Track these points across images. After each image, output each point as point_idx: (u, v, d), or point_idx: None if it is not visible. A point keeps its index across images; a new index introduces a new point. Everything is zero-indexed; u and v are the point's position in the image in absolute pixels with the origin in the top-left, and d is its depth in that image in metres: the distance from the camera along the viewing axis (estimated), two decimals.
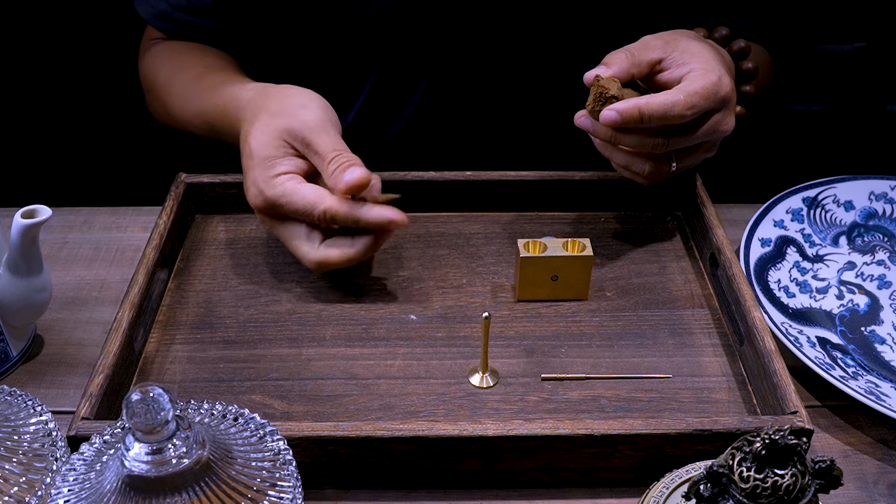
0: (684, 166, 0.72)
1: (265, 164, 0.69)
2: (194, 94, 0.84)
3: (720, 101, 0.68)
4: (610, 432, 0.57)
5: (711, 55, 0.70)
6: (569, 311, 0.72)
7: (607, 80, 0.67)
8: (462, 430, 0.57)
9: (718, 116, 0.70)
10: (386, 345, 0.69)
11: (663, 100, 0.66)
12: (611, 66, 0.68)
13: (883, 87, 1.35)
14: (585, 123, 0.69)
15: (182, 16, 0.89)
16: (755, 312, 0.66)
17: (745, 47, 0.78)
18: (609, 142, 0.69)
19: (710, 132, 0.70)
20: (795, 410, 0.58)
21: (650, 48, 0.70)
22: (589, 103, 0.68)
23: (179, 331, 0.70)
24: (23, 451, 0.52)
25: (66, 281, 0.77)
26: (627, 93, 0.68)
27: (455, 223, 0.81)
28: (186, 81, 0.86)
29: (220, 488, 0.46)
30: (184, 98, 0.86)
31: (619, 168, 0.73)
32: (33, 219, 0.64)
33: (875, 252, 0.79)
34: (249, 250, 0.78)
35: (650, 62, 0.69)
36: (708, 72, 0.68)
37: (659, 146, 0.69)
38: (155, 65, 0.91)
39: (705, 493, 0.48)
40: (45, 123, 1.34)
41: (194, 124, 0.85)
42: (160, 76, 0.89)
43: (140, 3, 0.91)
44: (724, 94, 0.68)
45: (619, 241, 0.80)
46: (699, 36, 0.74)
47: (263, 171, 0.69)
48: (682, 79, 0.68)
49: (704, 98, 0.67)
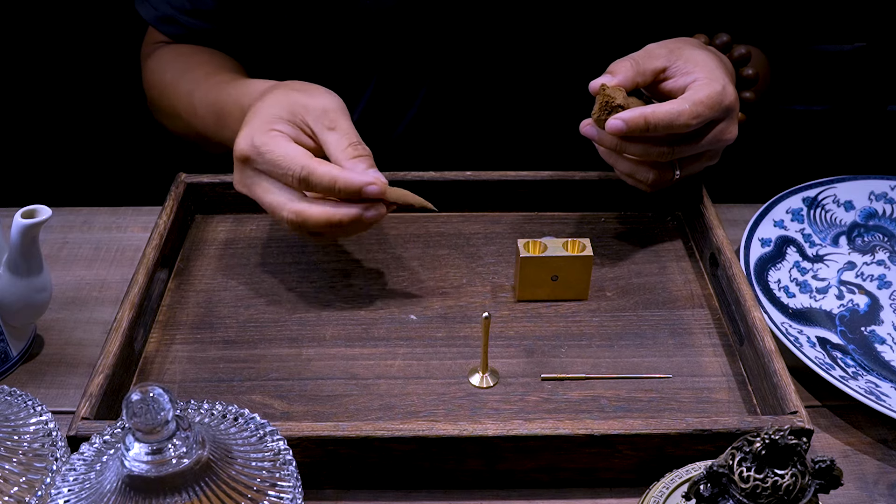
0: (687, 174, 0.72)
1: (268, 117, 0.68)
2: (205, 88, 0.83)
3: (724, 110, 0.69)
4: (610, 432, 0.57)
5: (715, 64, 0.70)
6: (569, 311, 0.72)
7: (613, 89, 0.67)
8: (462, 430, 0.57)
9: (722, 125, 0.70)
10: (386, 345, 0.69)
11: (669, 109, 0.66)
12: (616, 75, 0.68)
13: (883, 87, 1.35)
14: (591, 132, 0.69)
15: (186, 18, 0.88)
16: (755, 312, 0.66)
17: (746, 53, 0.78)
18: (615, 150, 0.70)
19: (714, 141, 0.70)
20: (795, 410, 0.58)
21: (654, 57, 0.70)
22: (595, 112, 0.68)
23: (179, 331, 0.70)
24: (23, 451, 0.52)
25: (66, 281, 0.77)
26: (633, 102, 0.68)
27: (455, 223, 0.81)
28: (196, 79, 0.85)
29: (220, 488, 0.46)
30: (193, 94, 0.84)
31: (622, 176, 0.73)
32: (33, 219, 0.64)
33: (875, 252, 0.79)
34: (249, 250, 0.78)
35: (654, 71, 0.70)
36: (712, 81, 0.68)
37: (664, 155, 0.69)
38: (160, 67, 0.90)
39: (705, 493, 0.48)
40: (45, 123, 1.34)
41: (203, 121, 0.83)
42: (166, 76, 0.89)
43: (141, 4, 0.90)
44: (728, 103, 0.69)
45: (619, 241, 0.80)
46: (701, 44, 0.74)
47: (262, 122, 0.67)
48: (686, 88, 0.69)
49: (709, 108, 0.67)
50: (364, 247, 0.78)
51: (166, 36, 0.91)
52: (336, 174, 0.65)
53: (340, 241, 0.79)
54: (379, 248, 0.78)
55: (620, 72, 0.69)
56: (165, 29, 0.90)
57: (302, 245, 0.79)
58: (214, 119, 0.81)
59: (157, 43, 0.92)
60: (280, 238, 0.79)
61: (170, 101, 0.88)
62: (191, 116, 0.85)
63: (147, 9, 0.90)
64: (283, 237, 0.79)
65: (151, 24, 0.91)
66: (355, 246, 0.79)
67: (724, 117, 0.69)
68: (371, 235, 0.80)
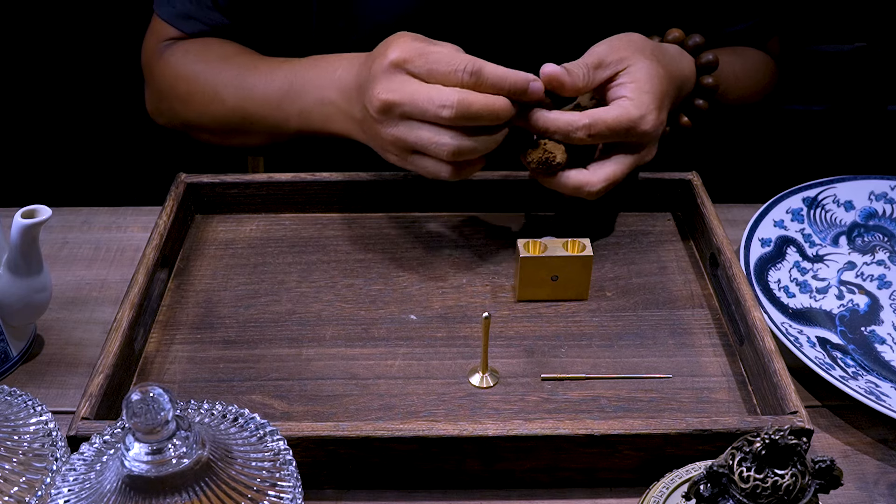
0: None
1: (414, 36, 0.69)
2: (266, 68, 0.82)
3: (637, 135, 0.70)
4: (610, 432, 0.57)
5: (649, 86, 0.71)
6: (569, 311, 0.72)
7: (553, 144, 0.70)
8: (462, 430, 0.57)
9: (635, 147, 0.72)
10: (386, 345, 0.69)
11: (569, 119, 0.69)
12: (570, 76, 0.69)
13: (883, 87, 1.35)
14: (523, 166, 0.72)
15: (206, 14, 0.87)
16: (755, 312, 0.66)
17: (700, 41, 0.79)
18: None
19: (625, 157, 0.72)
20: (795, 410, 0.58)
21: (604, 67, 0.71)
22: (532, 161, 0.70)
23: (179, 331, 0.70)
24: (23, 451, 0.52)
25: (66, 281, 0.77)
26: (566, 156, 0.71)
27: (455, 223, 0.81)
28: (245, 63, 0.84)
29: (220, 488, 0.46)
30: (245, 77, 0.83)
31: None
32: (33, 219, 0.64)
33: (875, 252, 0.79)
34: (249, 250, 0.78)
35: (600, 81, 0.72)
36: (633, 108, 0.70)
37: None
38: (188, 58, 0.87)
39: (705, 493, 0.48)
40: (45, 123, 1.34)
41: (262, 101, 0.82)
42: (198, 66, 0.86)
43: (161, 4, 0.89)
44: (644, 129, 0.70)
45: (619, 241, 0.80)
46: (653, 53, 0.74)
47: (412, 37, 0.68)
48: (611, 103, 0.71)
49: (611, 129, 0.69)
50: (364, 247, 0.79)
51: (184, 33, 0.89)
52: (506, 70, 0.66)
53: (340, 242, 0.79)
54: (379, 248, 0.78)
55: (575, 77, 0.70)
56: (184, 26, 0.88)
57: (302, 245, 0.79)
58: (281, 95, 0.80)
59: (169, 40, 0.91)
60: (280, 238, 0.79)
61: (211, 88, 0.85)
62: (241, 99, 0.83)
63: (166, 9, 0.88)
64: (283, 237, 0.80)
65: (169, 23, 0.89)
66: (355, 246, 0.79)
67: (635, 140, 0.71)
68: (371, 235, 0.80)
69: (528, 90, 0.67)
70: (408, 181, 0.80)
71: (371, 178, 0.81)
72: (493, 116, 0.66)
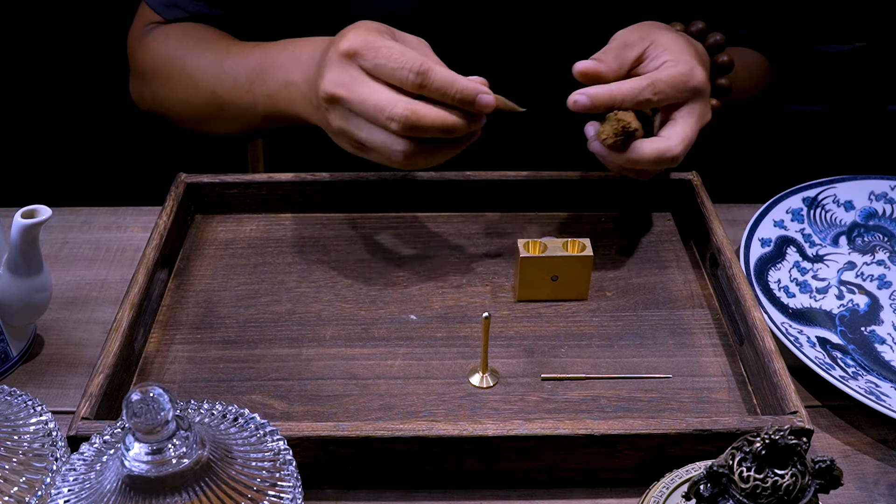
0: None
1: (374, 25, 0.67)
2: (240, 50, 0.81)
3: (691, 90, 0.70)
4: (610, 432, 0.57)
5: (684, 47, 0.71)
6: (569, 311, 0.72)
7: (625, 113, 0.68)
8: (462, 430, 0.57)
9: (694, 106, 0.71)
10: (386, 345, 0.69)
11: (633, 85, 0.68)
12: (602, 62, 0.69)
13: (883, 87, 1.35)
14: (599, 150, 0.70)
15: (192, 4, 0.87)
16: (755, 312, 0.66)
17: (721, 40, 0.79)
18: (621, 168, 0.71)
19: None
20: (795, 410, 0.58)
21: (630, 46, 0.71)
22: (609, 136, 0.68)
23: (179, 331, 0.70)
24: (23, 451, 0.52)
25: (66, 281, 0.77)
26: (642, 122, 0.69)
27: (455, 223, 0.81)
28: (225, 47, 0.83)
29: (220, 488, 0.46)
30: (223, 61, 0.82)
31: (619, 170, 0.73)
32: (33, 219, 0.64)
33: (875, 252, 0.79)
34: (249, 250, 0.78)
35: (632, 60, 0.71)
36: (678, 63, 0.69)
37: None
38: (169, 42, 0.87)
39: (705, 493, 0.48)
40: (44, 123, 1.34)
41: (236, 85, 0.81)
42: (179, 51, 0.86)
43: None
44: (695, 84, 0.69)
45: (619, 241, 0.80)
46: (672, 28, 0.75)
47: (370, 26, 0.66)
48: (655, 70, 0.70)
49: (671, 86, 0.68)
50: (364, 247, 0.79)
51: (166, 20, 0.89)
52: (455, 76, 0.64)
53: (340, 242, 0.79)
54: (379, 248, 0.78)
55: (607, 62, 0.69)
56: (167, 13, 0.88)
57: (302, 245, 0.79)
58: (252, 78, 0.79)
59: (151, 24, 0.89)
60: (280, 238, 0.79)
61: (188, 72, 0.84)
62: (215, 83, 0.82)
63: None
64: (283, 237, 0.80)
65: (154, 9, 0.89)
66: (355, 246, 0.79)
67: (691, 98, 0.70)
68: (371, 235, 0.80)
69: (476, 102, 0.64)
70: (408, 181, 0.80)
71: (371, 178, 0.81)
72: (444, 132, 0.64)
